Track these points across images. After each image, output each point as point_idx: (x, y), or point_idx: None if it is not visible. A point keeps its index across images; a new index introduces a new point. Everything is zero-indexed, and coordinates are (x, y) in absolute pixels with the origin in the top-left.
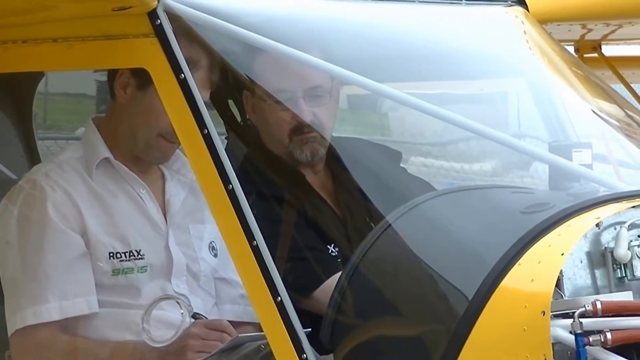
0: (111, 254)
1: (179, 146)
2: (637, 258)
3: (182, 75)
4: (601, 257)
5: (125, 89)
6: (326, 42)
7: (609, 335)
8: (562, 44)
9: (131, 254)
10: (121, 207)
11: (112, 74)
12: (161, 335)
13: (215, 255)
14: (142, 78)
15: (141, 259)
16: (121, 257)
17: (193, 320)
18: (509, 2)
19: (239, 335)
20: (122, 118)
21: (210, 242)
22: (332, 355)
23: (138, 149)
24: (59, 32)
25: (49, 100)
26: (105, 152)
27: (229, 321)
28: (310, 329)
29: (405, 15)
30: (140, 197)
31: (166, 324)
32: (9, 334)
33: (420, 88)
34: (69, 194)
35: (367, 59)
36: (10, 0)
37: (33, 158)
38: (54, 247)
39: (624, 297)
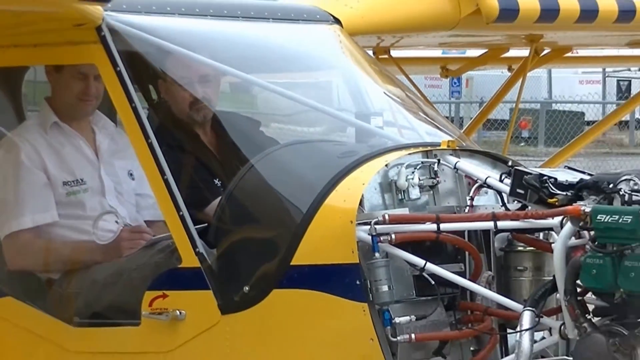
0: (64, 182)
1: (97, 104)
2: (411, 187)
3: (118, 68)
4: (388, 186)
5: (51, 74)
6: (213, 47)
7: (393, 236)
8: (365, 49)
9: (77, 181)
10: (68, 153)
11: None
12: (104, 235)
13: (133, 179)
14: (57, 65)
15: (84, 184)
16: (71, 184)
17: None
18: (330, 22)
19: (155, 237)
20: (55, 94)
21: (129, 171)
22: (215, 249)
23: (69, 110)
24: (39, 40)
25: (36, 86)
26: (54, 118)
27: (148, 220)
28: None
29: (264, 30)
30: (80, 145)
31: (108, 230)
32: (0, 241)
33: (274, 78)
34: (34, 146)
35: (240, 58)
36: (5, 18)
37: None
38: (26, 180)
39: (403, 212)
